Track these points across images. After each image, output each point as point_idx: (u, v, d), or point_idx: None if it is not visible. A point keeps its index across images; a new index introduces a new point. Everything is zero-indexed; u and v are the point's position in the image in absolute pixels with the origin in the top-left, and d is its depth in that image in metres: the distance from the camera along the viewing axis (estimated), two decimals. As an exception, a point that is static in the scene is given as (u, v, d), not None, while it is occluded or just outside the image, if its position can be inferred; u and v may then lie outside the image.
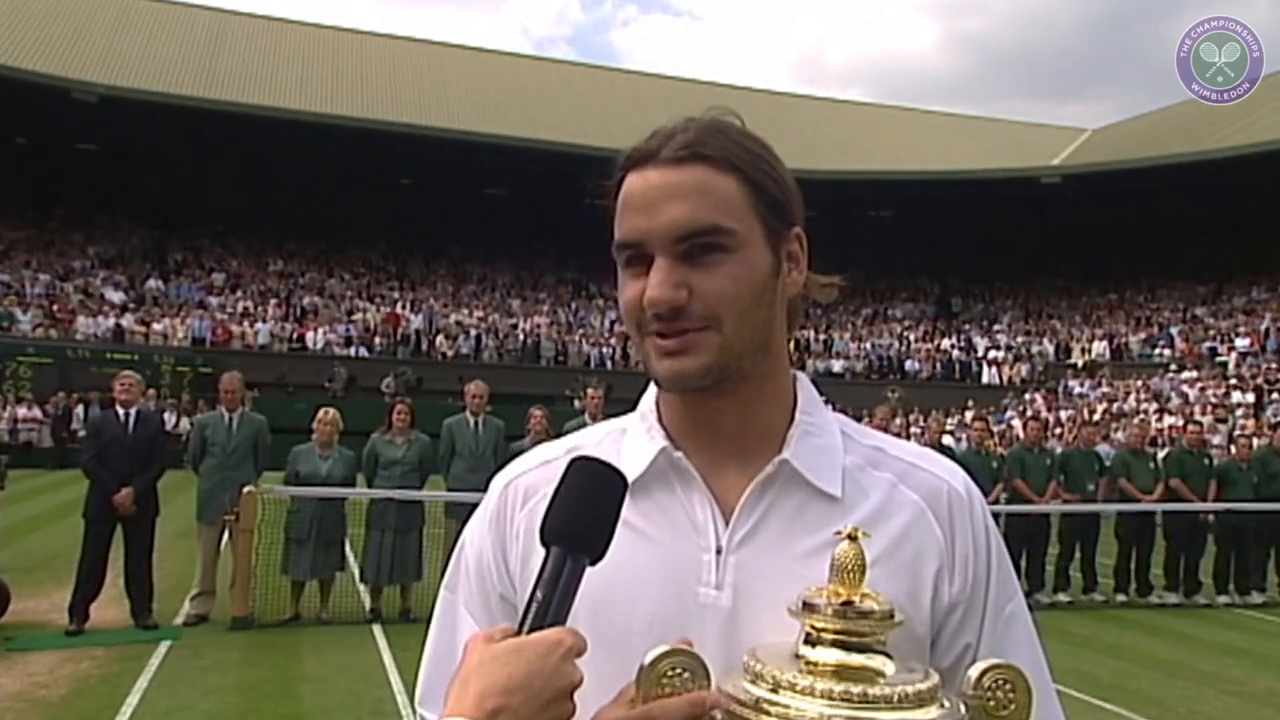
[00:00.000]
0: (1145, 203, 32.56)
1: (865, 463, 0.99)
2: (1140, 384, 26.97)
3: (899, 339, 34.01)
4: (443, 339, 29.34)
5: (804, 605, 0.81)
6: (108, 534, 7.13)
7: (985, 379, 31.52)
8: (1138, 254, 34.56)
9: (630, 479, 0.88)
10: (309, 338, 27.94)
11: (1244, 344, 27.45)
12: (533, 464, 1.05)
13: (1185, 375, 26.56)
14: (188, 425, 15.88)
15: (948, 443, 16.41)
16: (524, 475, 1.04)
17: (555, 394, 25.14)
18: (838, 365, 31.88)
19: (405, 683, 5.96)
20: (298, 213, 33.65)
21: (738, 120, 0.98)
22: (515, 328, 31.17)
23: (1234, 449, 11.42)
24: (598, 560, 0.81)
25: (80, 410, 21.48)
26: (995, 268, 37.50)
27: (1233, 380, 25.11)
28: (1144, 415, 22.61)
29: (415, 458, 8.20)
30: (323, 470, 7.84)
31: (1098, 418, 23.09)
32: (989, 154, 36.96)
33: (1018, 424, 23.25)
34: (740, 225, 0.92)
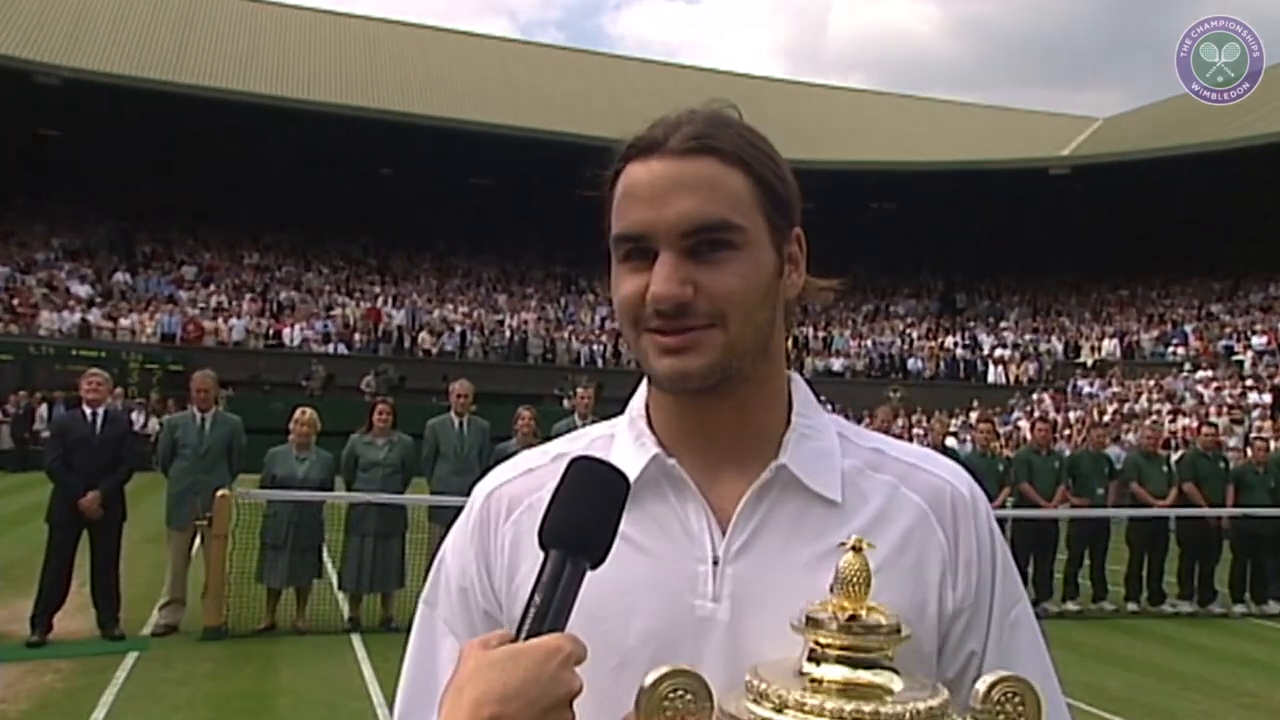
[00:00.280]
0: (1158, 195, 32.69)
1: (864, 466, 0.99)
2: (1153, 384, 27.08)
3: (901, 337, 34.09)
4: (426, 335, 29.31)
5: (808, 620, 0.81)
6: (73, 540, 7.09)
7: (991, 378, 31.63)
8: (1150, 248, 34.71)
9: None
10: (285, 334, 27.89)
11: (1261, 342, 27.59)
12: (516, 472, 1.04)
13: (1200, 375, 26.68)
14: (157, 426, 15.82)
15: (951, 444, 16.40)
16: (507, 484, 1.03)
17: (543, 393, 25.16)
18: (837, 364, 31.94)
19: (385, 695, 5.93)
20: (274, 203, 33.56)
21: (737, 114, 0.98)
22: (502, 324, 31.14)
23: (1250, 451, 11.47)
24: (599, 564, 0.80)
25: (44, 410, 21.41)
26: (1001, 263, 37.61)
27: (1249, 380, 25.23)
28: (1156, 416, 22.70)
29: (397, 460, 8.17)
30: (300, 473, 7.81)
31: (1108, 419, 23.18)
32: (995, 144, 37.06)
33: (1025, 425, 23.31)
34: (748, 222, 0.92)
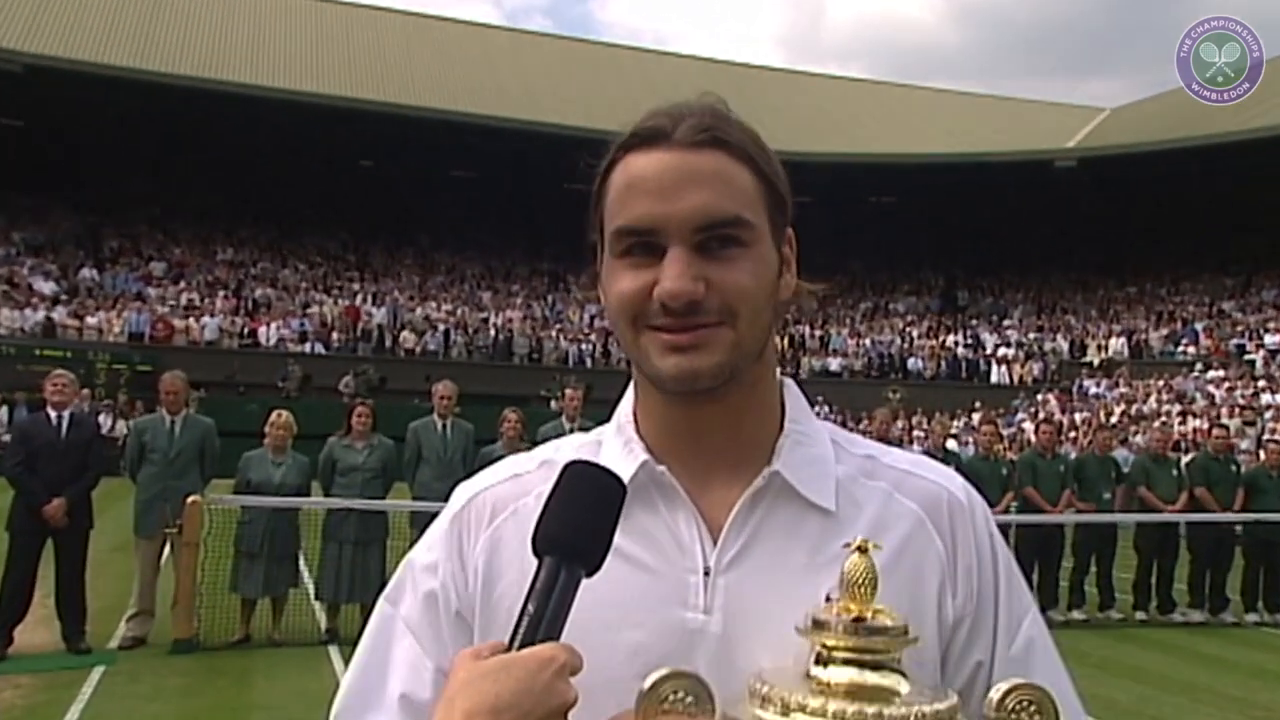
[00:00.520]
0: (1167, 188, 32.84)
1: (858, 473, 1.00)
2: (1162, 384, 27.22)
3: (901, 335, 34.18)
4: (407, 334, 29.27)
5: (813, 623, 0.82)
6: (36, 549, 7.05)
7: (994, 379, 31.74)
8: (1159, 243, 34.87)
9: None
10: (261, 333, 27.81)
11: (1274, 341, 27.75)
12: (502, 477, 1.04)
13: (1210, 374, 26.82)
14: (125, 429, 15.75)
15: (953, 447, 16.48)
16: (492, 489, 1.03)
17: (530, 394, 25.13)
18: (835, 364, 32.00)
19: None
20: (248, 196, 33.44)
21: (726, 108, 0.99)
22: (486, 322, 31.11)
23: (1263, 454, 11.52)
24: (594, 572, 0.81)
25: (5, 412, 21.30)
26: (1005, 258, 37.73)
27: (1262, 380, 25.37)
28: (1166, 418, 22.83)
29: (377, 464, 8.16)
30: (276, 478, 7.79)
31: (1115, 420, 23.29)
32: (999, 135, 37.20)
33: (1029, 427, 23.38)
34: (756, 219, 0.94)
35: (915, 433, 23.99)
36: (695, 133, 0.93)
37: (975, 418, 24.38)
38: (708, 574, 0.93)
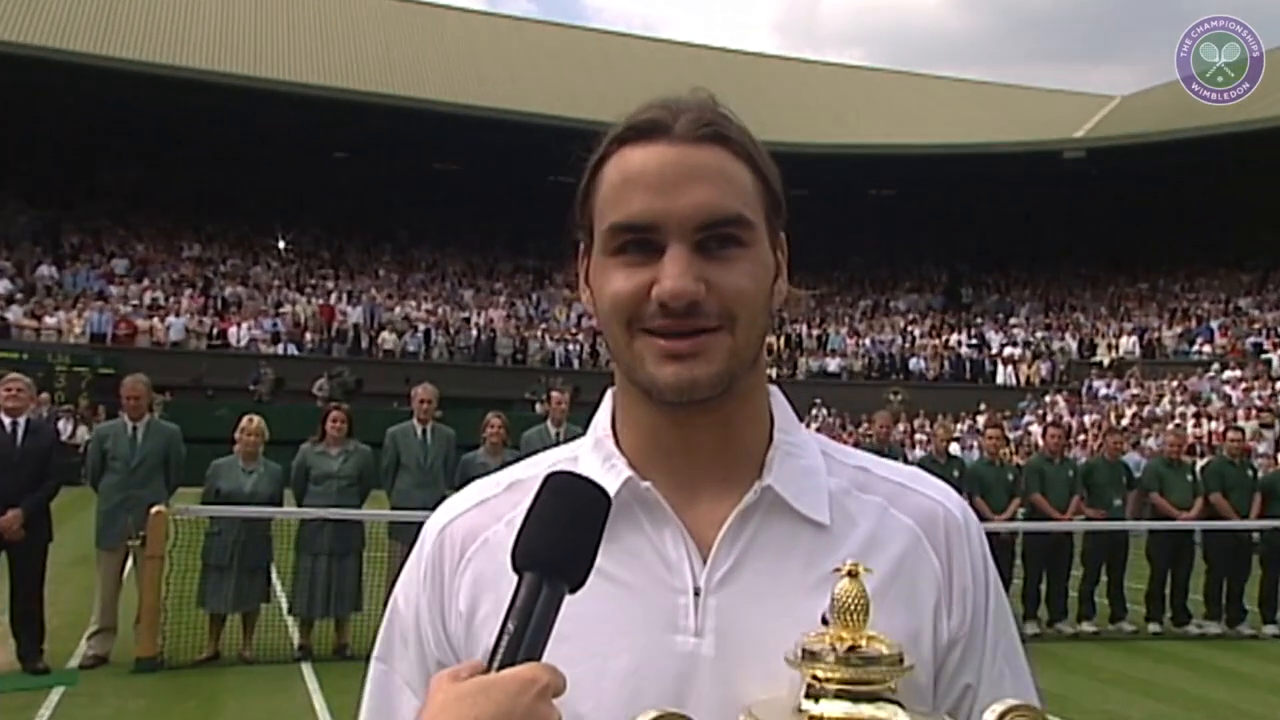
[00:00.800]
0: (1181, 179, 33.02)
1: (851, 485, 1.00)
2: (1175, 385, 27.34)
3: (902, 334, 34.27)
4: (385, 335, 29.23)
5: (804, 653, 0.82)
6: (-9, 563, 7.02)
7: (1000, 379, 31.85)
8: (1172, 237, 35.03)
9: None
10: (230, 334, 27.75)
11: (1292, 339, 27.90)
12: (468, 505, 1.04)
13: (1226, 375, 26.94)
14: (87, 435, 15.68)
15: (956, 451, 16.53)
16: (459, 518, 1.03)
17: (514, 397, 25.13)
18: (833, 364, 32.07)
19: (340, 731, 5.93)
20: (216, 189, 33.34)
21: (716, 103, 0.99)
22: (468, 322, 31.09)
23: (1280, 458, 11.59)
24: (578, 587, 0.80)
25: (-40, 418, 21.14)
26: (1011, 254, 37.89)
27: None
28: (1179, 420, 22.93)
29: (353, 471, 8.13)
30: (246, 486, 7.77)
31: (1127, 423, 23.38)
32: (1004, 125, 37.32)
33: (1036, 430, 23.48)
34: (756, 219, 0.94)
35: (917, 436, 24.08)
36: (696, 127, 0.92)
37: (980, 420, 24.42)
38: (698, 594, 0.93)
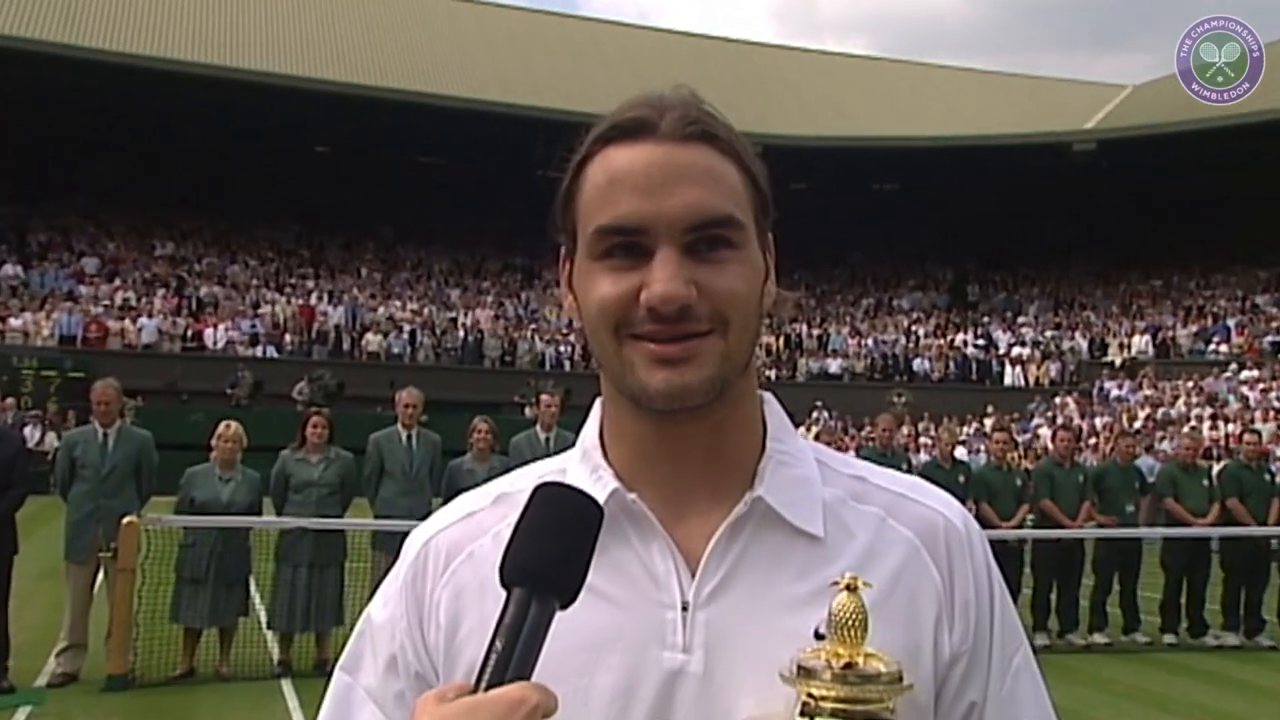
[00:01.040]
0: (1195, 172, 33.08)
1: (847, 496, 1.00)
2: (1190, 386, 27.42)
3: (906, 334, 34.33)
4: (368, 336, 29.23)
5: (799, 670, 0.81)
6: (-46, 577, 6.99)
7: (1007, 381, 31.93)
8: (1186, 233, 35.12)
9: None
10: (206, 335, 27.73)
11: (1311, 338, 28.00)
12: (454, 518, 1.04)
13: (1244, 375, 27.03)
14: (56, 442, 15.65)
15: (962, 456, 16.56)
16: (443, 532, 1.03)
17: (502, 401, 25.17)
18: (835, 365, 32.13)
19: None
20: (191, 185, 33.29)
21: (699, 100, 0.99)
22: (455, 322, 31.09)
23: (1299, 462, 11.62)
24: (569, 603, 0.80)
25: (-77, 425, 21.13)
26: (1018, 250, 37.96)
27: (1297, 381, 25.59)
28: (1195, 423, 22.99)
29: (334, 479, 8.12)
30: (224, 495, 7.75)
31: (1140, 426, 23.43)
32: (1011, 116, 37.42)
33: (1045, 434, 23.50)
34: (746, 220, 0.94)
35: (922, 440, 24.10)
36: (683, 125, 0.93)
37: (987, 423, 24.48)
38: (686, 609, 0.93)
